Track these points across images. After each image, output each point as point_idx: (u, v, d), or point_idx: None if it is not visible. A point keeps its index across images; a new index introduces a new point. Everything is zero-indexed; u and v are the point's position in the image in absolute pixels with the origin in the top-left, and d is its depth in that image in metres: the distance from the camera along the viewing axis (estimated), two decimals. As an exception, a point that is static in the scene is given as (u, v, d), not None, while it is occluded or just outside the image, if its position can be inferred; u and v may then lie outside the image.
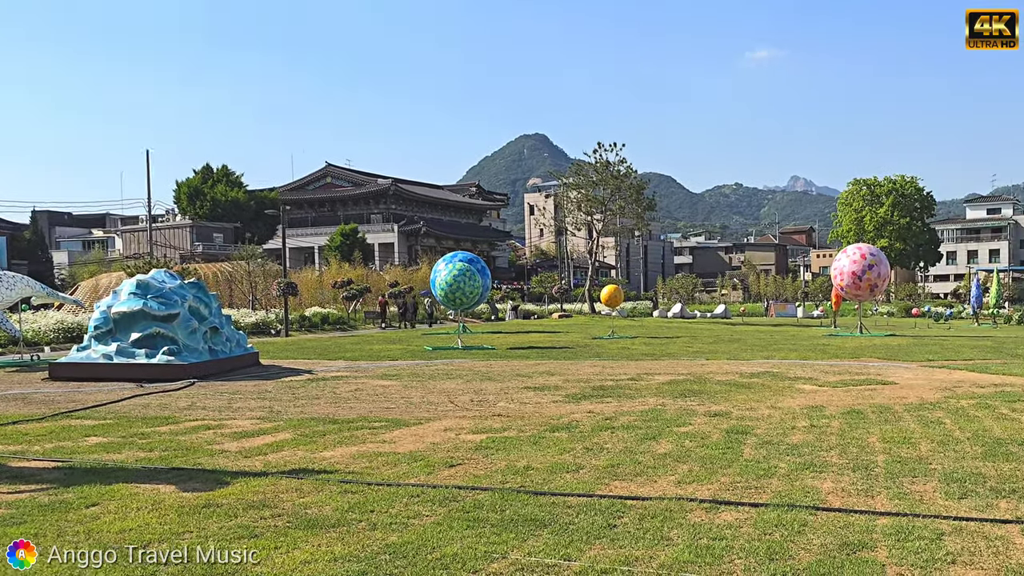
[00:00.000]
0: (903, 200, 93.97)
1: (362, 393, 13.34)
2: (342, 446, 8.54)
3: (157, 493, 6.49)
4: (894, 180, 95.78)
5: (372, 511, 5.90)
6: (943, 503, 6.03)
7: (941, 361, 19.27)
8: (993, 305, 51.27)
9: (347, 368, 18.07)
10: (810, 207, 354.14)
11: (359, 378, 15.78)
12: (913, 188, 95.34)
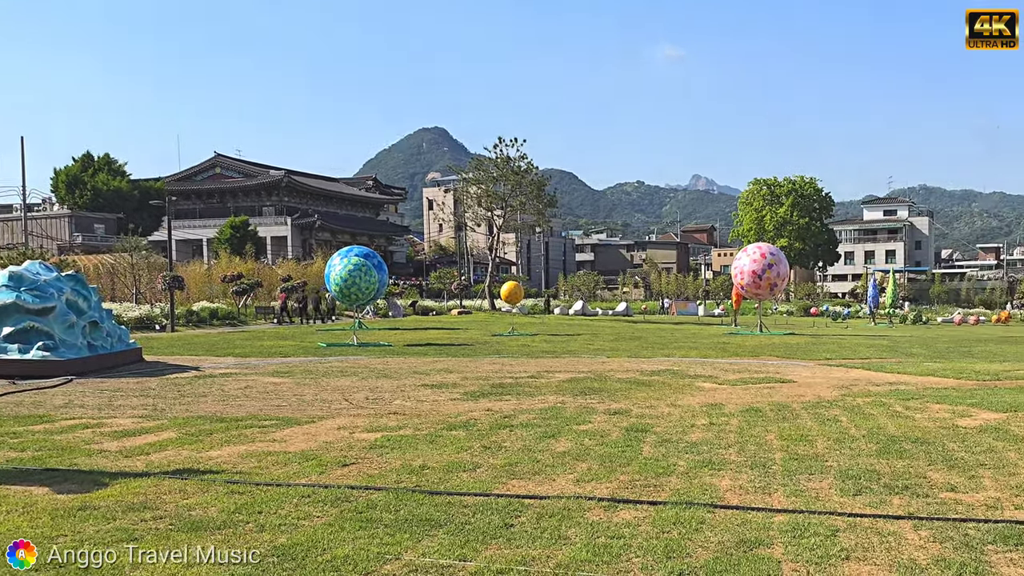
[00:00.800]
0: (803, 200, 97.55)
1: (252, 391, 13.06)
2: (229, 445, 8.35)
3: (29, 495, 6.23)
4: (794, 181, 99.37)
5: (260, 512, 5.80)
6: (838, 500, 6.24)
7: (838, 360, 20.04)
8: (889, 305, 53.69)
9: (236, 365, 17.64)
10: (712, 206, 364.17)
11: (249, 375, 15.43)
12: (812, 189, 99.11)
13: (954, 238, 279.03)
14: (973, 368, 17.27)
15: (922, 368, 17.34)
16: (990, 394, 12.49)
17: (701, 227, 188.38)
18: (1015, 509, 5.98)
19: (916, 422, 9.85)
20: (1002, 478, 6.95)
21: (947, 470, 7.24)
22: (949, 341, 29.88)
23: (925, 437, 8.79)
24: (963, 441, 8.58)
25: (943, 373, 16.11)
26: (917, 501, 6.20)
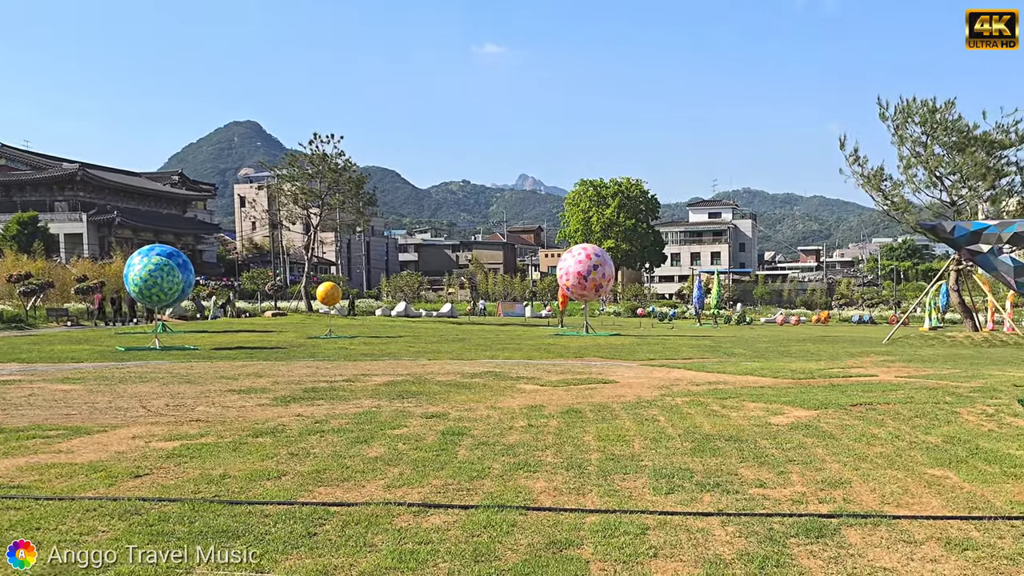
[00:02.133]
0: (629, 202, 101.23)
1: (37, 399, 12.36)
2: (8, 457, 7.90)
3: None
4: (620, 182, 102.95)
5: (38, 529, 5.54)
6: (651, 498, 6.49)
7: (662, 360, 20.88)
8: (714, 306, 56.40)
9: (20, 371, 16.58)
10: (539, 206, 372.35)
11: (35, 382, 14.57)
12: (639, 190, 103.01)
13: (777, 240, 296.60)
14: (790, 367, 18.40)
15: (741, 368, 18.33)
16: (803, 392, 13.34)
17: (528, 228, 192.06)
18: (819, 503, 6.40)
19: (731, 421, 10.39)
20: (809, 473, 7.42)
21: (758, 467, 7.68)
22: (769, 341, 31.71)
23: (739, 435, 9.29)
24: (775, 438, 9.12)
25: (761, 372, 17.09)
26: (727, 498, 6.54)
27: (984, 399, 12.55)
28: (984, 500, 6.50)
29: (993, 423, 10.33)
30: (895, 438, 9.20)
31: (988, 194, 34.83)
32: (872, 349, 26.88)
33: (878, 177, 36.05)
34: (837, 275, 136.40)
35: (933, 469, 7.61)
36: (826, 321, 62.24)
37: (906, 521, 5.88)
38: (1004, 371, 17.80)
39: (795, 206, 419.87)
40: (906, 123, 35.06)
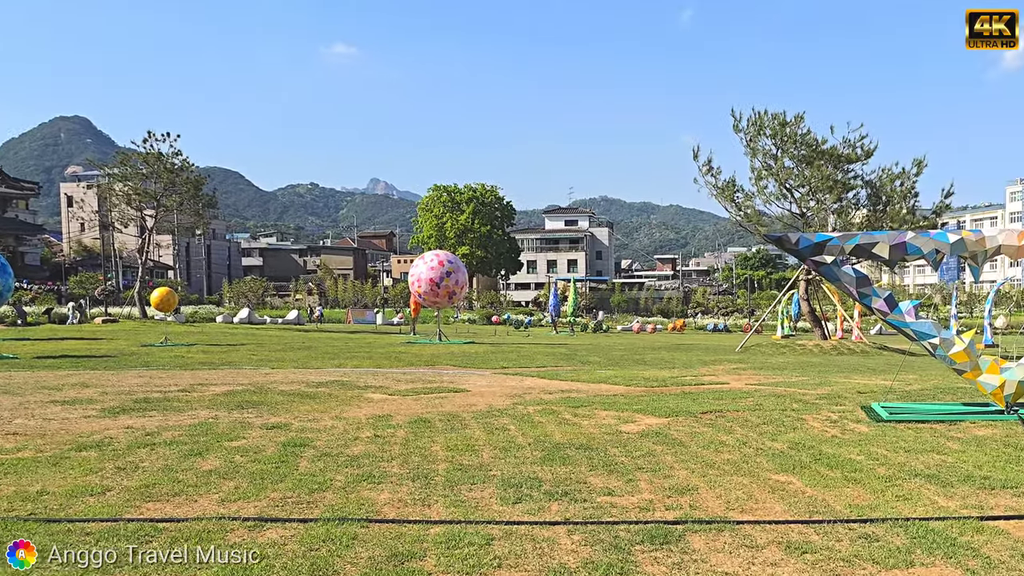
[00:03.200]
0: (484, 208, 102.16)
1: None
2: None
3: None
4: (475, 188, 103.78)
5: None
6: (498, 508, 6.55)
7: (516, 368, 21.09)
8: (571, 313, 57.37)
9: None
10: (392, 211, 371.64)
11: None
12: (494, 197, 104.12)
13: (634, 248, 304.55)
14: (643, 375, 18.89)
15: (595, 376, 18.71)
16: (655, 400, 13.73)
17: (380, 233, 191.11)
18: (665, 510, 6.60)
19: (583, 429, 10.59)
20: (657, 480, 7.64)
21: (607, 475, 7.85)
22: (625, 349, 32.48)
23: (590, 443, 9.48)
24: (625, 446, 9.35)
25: (614, 380, 17.49)
26: (575, 506, 6.66)
27: (829, 406, 13.19)
28: (825, 504, 6.84)
29: (837, 429, 10.86)
30: (743, 445, 9.57)
31: (836, 207, 36.67)
32: (725, 357, 27.87)
33: (731, 188, 37.48)
34: (693, 283, 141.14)
35: (778, 475, 7.95)
36: (682, 329, 64.20)
37: (749, 526, 6.13)
38: (849, 378, 18.75)
39: (652, 215, 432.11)
40: (758, 136, 36.60)
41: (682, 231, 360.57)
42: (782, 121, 35.93)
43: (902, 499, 7.01)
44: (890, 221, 35.43)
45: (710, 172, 37.42)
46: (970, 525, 6.16)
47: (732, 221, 40.42)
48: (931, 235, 11.79)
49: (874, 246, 11.64)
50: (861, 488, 7.42)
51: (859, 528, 6.10)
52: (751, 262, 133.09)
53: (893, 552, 5.53)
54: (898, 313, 12.03)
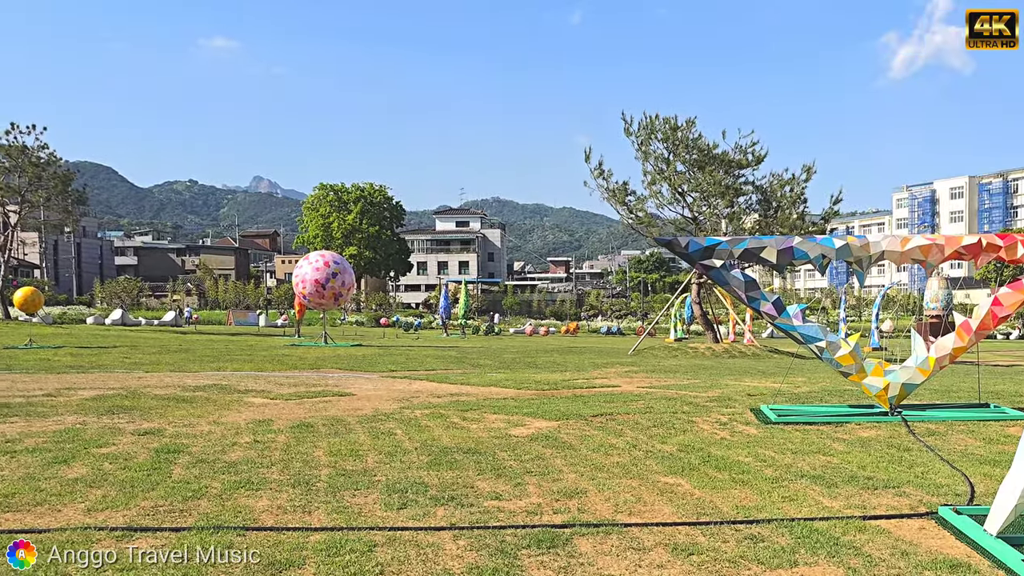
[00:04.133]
0: (372, 208, 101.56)
1: None
2: None
3: None
4: (363, 187, 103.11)
5: None
6: (382, 514, 6.51)
7: (404, 371, 21.00)
8: (462, 316, 57.41)
9: None
10: (276, 210, 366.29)
11: None
12: (382, 196, 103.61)
13: (527, 250, 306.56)
14: (535, 378, 19.03)
15: (486, 379, 18.76)
16: (546, 403, 13.84)
17: (263, 232, 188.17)
18: (553, 513, 6.66)
19: (471, 433, 10.61)
20: (546, 484, 7.70)
21: (495, 479, 7.88)
22: (517, 352, 32.66)
23: (478, 447, 9.50)
24: (514, 450, 9.40)
25: (505, 384, 17.57)
26: (461, 511, 6.66)
27: (719, 408, 13.51)
28: (712, 506, 6.99)
29: (726, 431, 11.13)
30: (632, 447, 9.72)
31: (727, 211, 37.62)
32: (618, 360, 28.28)
33: (623, 191, 38.06)
34: (587, 286, 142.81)
35: (667, 477, 8.10)
36: (575, 332, 64.85)
37: (637, 529, 6.22)
38: (740, 381, 19.23)
39: (545, 217, 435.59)
40: (649, 139, 37.26)
41: (576, 233, 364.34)
42: (673, 126, 36.68)
43: (788, 500, 7.22)
44: (780, 226, 36.50)
45: (602, 175, 37.92)
46: (853, 524, 6.39)
47: (624, 224, 41.01)
48: (818, 240, 12.18)
49: (762, 250, 11.96)
50: (748, 489, 7.61)
51: (745, 529, 6.26)
52: (645, 265, 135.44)
53: (778, 552, 5.69)
54: (786, 317, 12.39)
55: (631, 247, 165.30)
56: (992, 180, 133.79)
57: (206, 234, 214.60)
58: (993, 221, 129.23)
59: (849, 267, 12.37)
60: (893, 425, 11.69)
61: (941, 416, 12.47)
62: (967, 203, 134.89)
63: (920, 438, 10.59)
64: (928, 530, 6.34)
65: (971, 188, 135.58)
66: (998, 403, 14.02)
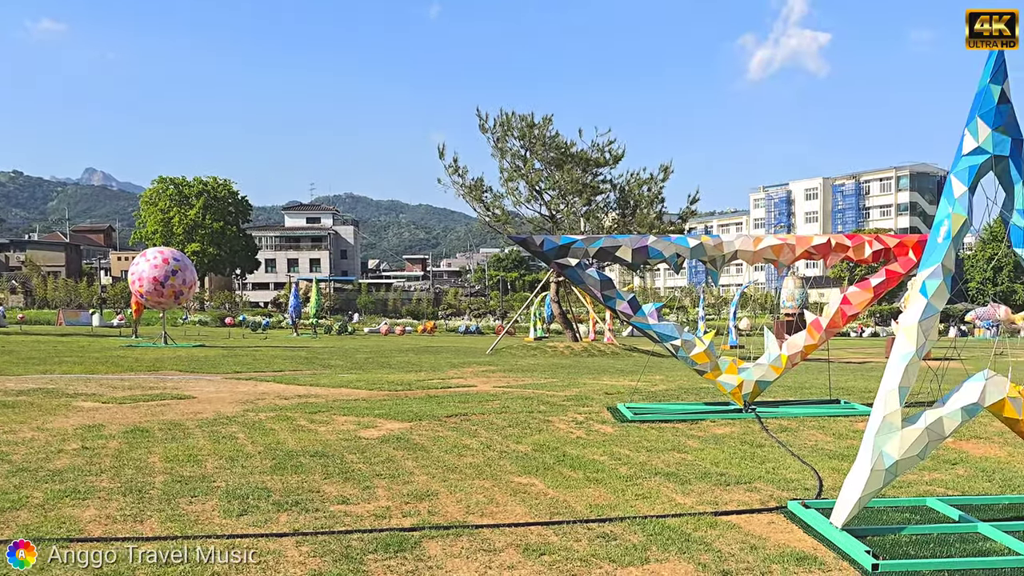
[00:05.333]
0: (216, 203, 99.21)
1: None
2: None
3: None
4: (206, 181, 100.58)
5: None
6: (220, 522, 6.35)
7: (250, 373, 20.55)
8: (313, 315, 56.58)
9: None
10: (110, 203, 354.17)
11: None
12: (227, 191, 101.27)
13: (383, 248, 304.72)
14: (388, 379, 18.91)
15: (336, 380, 18.54)
16: (398, 404, 13.77)
17: (97, 227, 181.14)
18: (402, 516, 6.62)
19: (319, 435, 10.47)
20: (396, 487, 7.66)
21: (342, 482, 7.79)
22: (371, 352, 32.38)
23: (325, 450, 9.38)
24: (363, 452, 9.32)
25: (356, 384, 17.40)
26: (305, 516, 6.56)
27: (576, 407, 13.71)
28: (566, 505, 7.09)
29: (582, 430, 11.30)
30: (487, 448, 9.77)
31: (585, 210, 38.17)
32: (475, 359, 28.36)
33: (479, 188, 38.14)
34: (445, 284, 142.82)
35: (520, 477, 8.17)
36: (432, 331, 64.75)
37: (488, 530, 6.25)
38: (598, 380, 19.56)
39: (401, 214, 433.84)
40: (506, 136, 37.46)
41: (433, 231, 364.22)
42: (530, 123, 36.94)
43: (641, 498, 7.38)
44: (639, 225, 37.24)
45: (457, 171, 37.91)
46: (704, 520, 6.57)
47: (481, 222, 41.14)
48: (672, 239, 12.52)
49: (617, 249, 12.20)
50: (602, 488, 7.74)
51: (598, 528, 6.37)
52: (504, 263, 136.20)
53: (629, 550, 5.80)
54: (641, 315, 12.67)
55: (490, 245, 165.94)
56: (845, 182, 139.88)
57: (33, 229, 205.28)
58: (847, 222, 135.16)
59: (704, 266, 12.75)
60: (747, 422, 12.10)
61: (793, 412, 12.98)
62: (822, 204, 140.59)
63: (772, 434, 10.99)
64: (777, 524, 6.58)
65: (825, 189, 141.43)
66: (848, 399, 14.66)
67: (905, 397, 6.15)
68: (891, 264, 12.92)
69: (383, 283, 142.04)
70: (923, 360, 6.24)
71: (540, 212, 38.68)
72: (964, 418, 6.23)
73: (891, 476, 6.11)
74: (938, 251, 6.31)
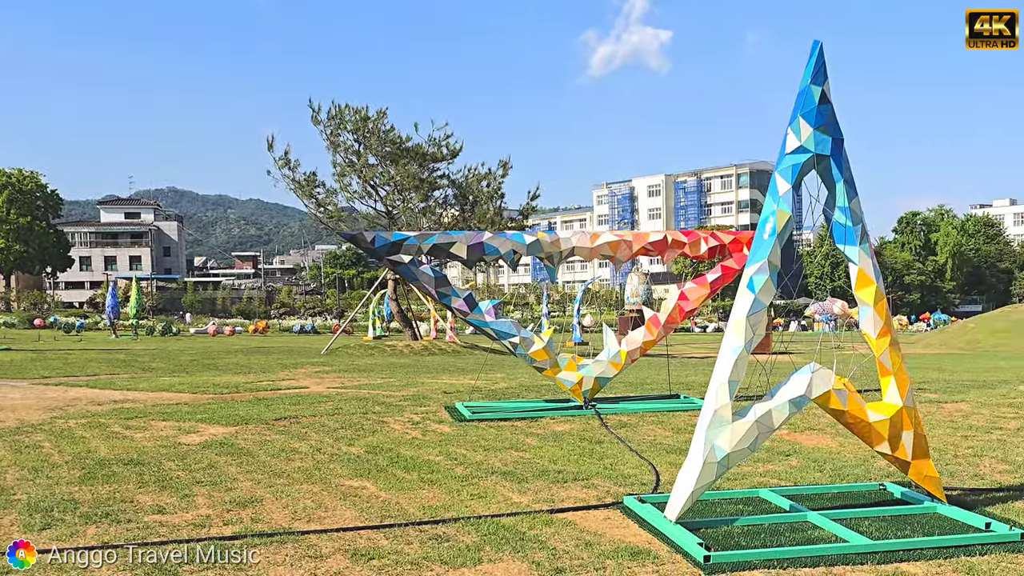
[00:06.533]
0: (22, 196, 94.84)
1: None
2: None
3: None
4: (10, 173, 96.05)
5: None
6: (21, 536, 6.05)
7: (60, 378, 19.72)
8: (133, 315, 54.70)
9: None
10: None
11: None
12: (35, 184, 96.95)
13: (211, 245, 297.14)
14: (214, 381, 18.45)
15: (157, 383, 17.98)
16: (224, 408, 13.46)
17: None
18: (223, 525, 6.46)
19: (135, 442, 10.13)
20: (218, 494, 7.46)
21: (159, 491, 7.54)
22: (197, 353, 31.54)
23: (141, 458, 9.08)
24: (183, 459, 9.06)
25: (179, 388, 16.92)
26: (116, 528, 6.33)
27: (413, 407, 13.67)
28: (398, 507, 7.05)
29: (418, 431, 11.28)
30: (316, 451, 9.64)
31: (423, 206, 38.12)
32: (309, 360, 27.98)
33: (311, 183, 37.59)
34: (278, 283, 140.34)
35: (351, 480, 8.09)
36: (264, 331, 63.55)
37: (315, 535, 6.16)
38: (437, 379, 19.57)
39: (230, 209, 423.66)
40: (339, 130, 37.04)
41: (265, 227, 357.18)
42: (364, 116, 36.63)
43: (477, 497, 7.41)
44: (479, 221, 37.41)
45: (287, 165, 37.26)
46: (540, 519, 6.65)
47: (312, 218, 40.59)
48: (508, 236, 12.64)
49: (452, 246, 12.24)
50: (437, 489, 7.74)
51: (431, 529, 6.35)
52: (342, 260, 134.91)
53: (463, 551, 5.81)
54: (478, 313, 12.73)
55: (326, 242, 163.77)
56: (687, 179, 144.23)
57: None
58: (689, 218, 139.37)
59: (542, 263, 12.92)
60: (587, 418, 12.31)
61: (633, 408, 13.28)
62: (664, 200, 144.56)
63: (611, 430, 11.22)
64: (613, 520, 6.71)
65: (668, 186, 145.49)
66: (688, 394, 15.08)
67: (735, 391, 6.37)
68: (727, 260, 13.41)
69: (211, 281, 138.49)
70: (752, 354, 6.47)
71: (376, 208, 38.41)
72: (792, 410, 6.51)
73: (723, 469, 6.33)
74: (764, 247, 6.56)
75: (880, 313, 6.90)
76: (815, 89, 6.60)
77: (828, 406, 6.69)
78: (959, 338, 43.96)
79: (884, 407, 6.89)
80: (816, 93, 6.60)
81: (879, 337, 6.91)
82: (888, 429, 6.80)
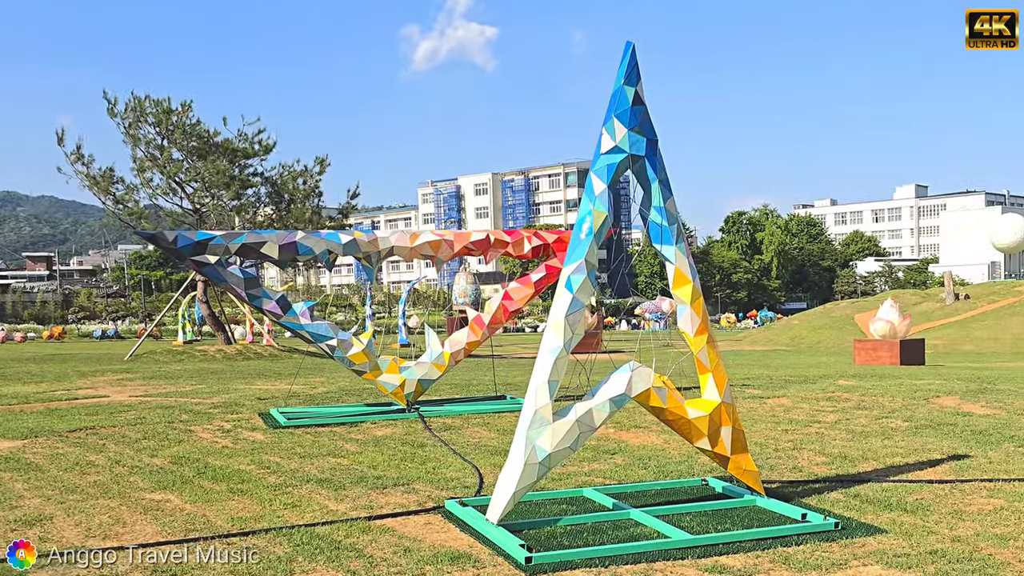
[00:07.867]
0: None
1: None
2: None
3: None
4: None
5: None
6: None
7: None
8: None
9: None
10: None
11: None
12: None
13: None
14: (1, 392, 17.59)
15: (-65, 396, 17.00)
16: (10, 420, 12.90)
17: None
18: (5, 545, 6.11)
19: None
20: (1, 513, 7.09)
21: (-68, 512, 7.11)
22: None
23: (-87, 476, 8.54)
24: (-37, 476, 8.57)
25: (-40, 400, 16.04)
26: None
27: (224, 415, 13.32)
28: (205, 520, 6.84)
29: (229, 439, 11.00)
30: (115, 463, 9.28)
31: (234, 204, 37.21)
32: (111, 367, 26.98)
33: (108, 179, 36.16)
34: (76, 285, 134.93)
35: (153, 493, 7.81)
36: (61, 337, 61.13)
37: (112, 553, 5.91)
38: (251, 384, 19.14)
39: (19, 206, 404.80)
40: (139, 123, 35.76)
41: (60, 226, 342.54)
42: (167, 109, 35.50)
43: (291, 507, 7.27)
44: (296, 220, 36.80)
45: (80, 160, 35.75)
46: (357, 526, 6.57)
47: (111, 216, 39.12)
48: (322, 235, 12.44)
49: (263, 246, 11.94)
50: (248, 499, 7.56)
51: (239, 542, 6.19)
52: (148, 261, 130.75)
53: (273, 563, 5.68)
54: (292, 315, 12.50)
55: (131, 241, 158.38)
56: (515, 177, 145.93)
57: None
58: (517, 217, 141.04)
59: (360, 263, 12.81)
60: (410, 422, 12.28)
61: (458, 410, 13.32)
62: (492, 199, 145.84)
63: (434, 433, 11.21)
64: (434, 524, 6.69)
65: (495, 185, 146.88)
66: (514, 394, 15.21)
67: (555, 391, 6.46)
68: (551, 259, 13.61)
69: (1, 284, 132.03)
70: (579, 353, 6.58)
71: (182, 206, 37.27)
72: (612, 409, 6.66)
73: (545, 469, 6.42)
74: (581, 247, 6.69)
75: (697, 311, 7.12)
76: (628, 90, 6.77)
77: (648, 404, 6.85)
78: (784, 335, 45.98)
79: (703, 404, 7.13)
80: (630, 94, 6.77)
81: (697, 335, 7.13)
82: (707, 425, 7.02)
